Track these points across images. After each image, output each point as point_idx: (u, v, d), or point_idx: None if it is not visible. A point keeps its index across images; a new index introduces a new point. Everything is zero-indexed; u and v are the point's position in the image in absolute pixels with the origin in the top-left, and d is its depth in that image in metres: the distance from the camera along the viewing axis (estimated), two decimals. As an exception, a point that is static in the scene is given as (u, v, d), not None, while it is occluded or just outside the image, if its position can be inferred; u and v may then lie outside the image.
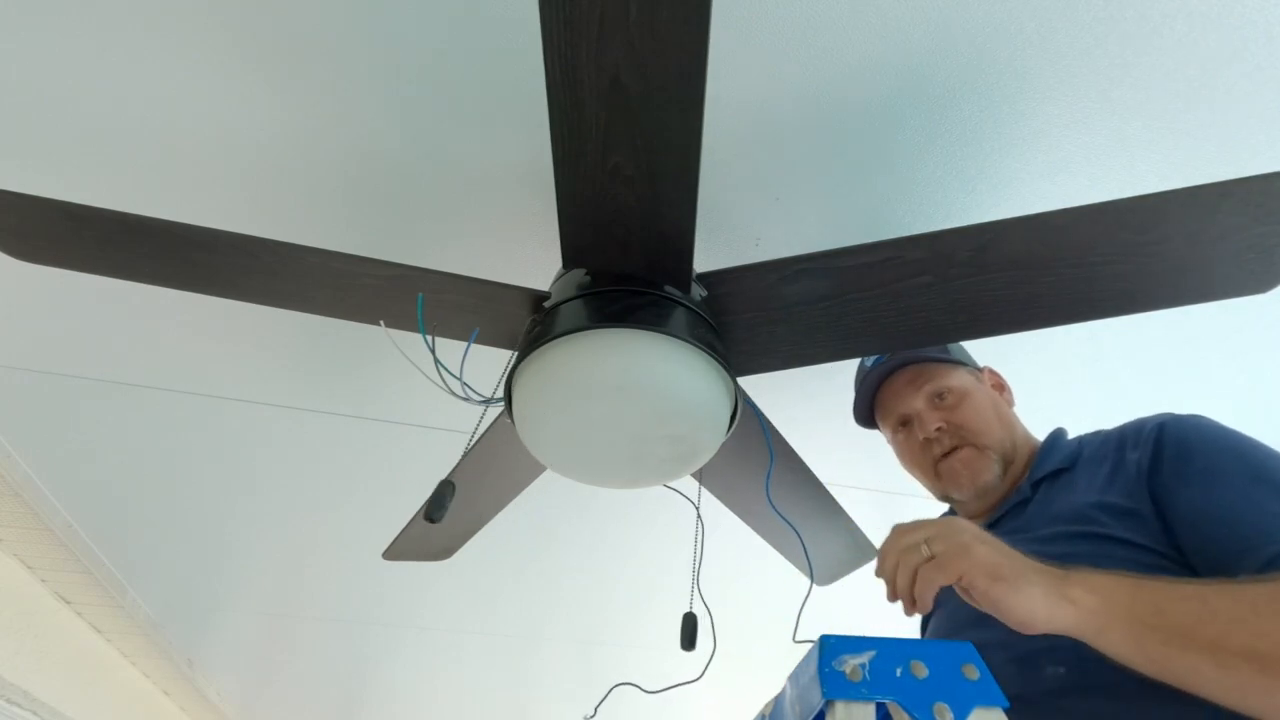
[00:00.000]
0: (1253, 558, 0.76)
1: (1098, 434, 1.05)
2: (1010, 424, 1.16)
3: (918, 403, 1.17)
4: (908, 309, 1.04)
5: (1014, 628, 0.69)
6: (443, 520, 0.96)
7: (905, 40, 1.07)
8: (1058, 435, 1.11)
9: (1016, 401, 1.24)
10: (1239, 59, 1.08)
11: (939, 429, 1.14)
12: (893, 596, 0.74)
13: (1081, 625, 0.68)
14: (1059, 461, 1.03)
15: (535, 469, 1.41)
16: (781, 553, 1.55)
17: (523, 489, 1.48)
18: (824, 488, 1.41)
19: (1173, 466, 0.88)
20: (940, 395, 1.16)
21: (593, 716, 1.36)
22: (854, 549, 1.55)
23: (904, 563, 0.71)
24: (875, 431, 1.30)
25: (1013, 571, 0.68)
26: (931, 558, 0.69)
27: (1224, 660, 0.66)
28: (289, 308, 1.12)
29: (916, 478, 1.22)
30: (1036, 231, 0.94)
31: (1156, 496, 0.87)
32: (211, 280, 1.09)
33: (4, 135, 1.22)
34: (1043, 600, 0.67)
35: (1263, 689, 0.65)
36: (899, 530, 0.75)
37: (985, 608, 0.69)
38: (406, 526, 1.53)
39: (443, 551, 1.63)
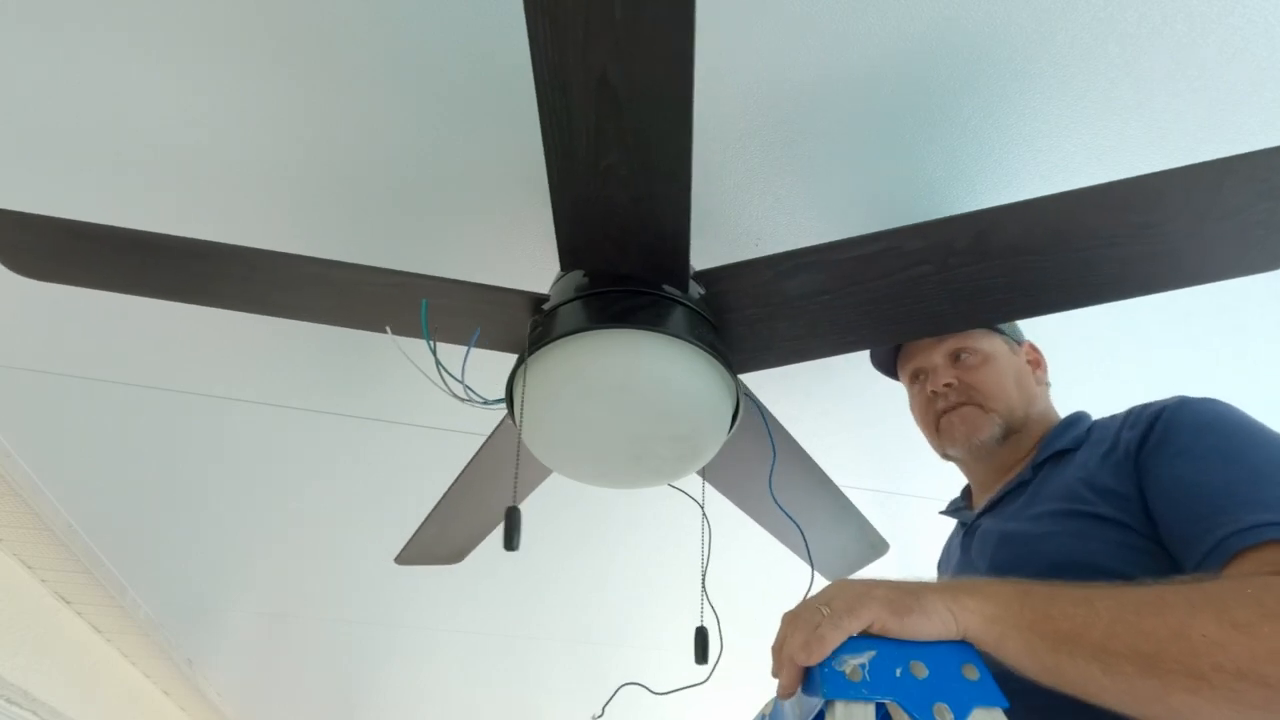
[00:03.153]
0: (1197, 545, 0.74)
1: (1113, 417, 1.02)
2: (1028, 395, 1.12)
3: (936, 357, 1.16)
4: (908, 299, 1.03)
5: None
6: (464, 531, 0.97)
7: (905, 41, 1.07)
8: (1074, 419, 1.08)
9: (1053, 383, 1.20)
10: (1239, 59, 1.08)
11: (947, 384, 1.13)
12: (778, 669, 0.68)
13: (984, 633, 0.66)
14: (1065, 444, 1.00)
15: (543, 470, 1.42)
16: (794, 550, 1.54)
17: (532, 490, 1.48)
18: (832, 483, 1.41)
19: (1155, 447, 0.86)
20: (961, 354, 1.15)
21: (600, 716, 1.36)
22: (864, 544, 1.54)
23: (801, 625, 0.67)
24: (876, 429, 1.30)
25: (916, 601, 0.66)
26: (830, 614, 0.66)
27: (1110, 664, 0.63)
28: (292, 317, 1.14)
29: (922, 432, 1.21)
30: (1036, 216, 0.92)
31: (1139, 476, 0.85)
32: (213, 292, 1.10)
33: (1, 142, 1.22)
34: (949, 614, 0.66)
35: (1150, 693, 0.63)
36: (789, 611, 0.71)
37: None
38: (417, 531, 1.53)
39: (455, 555, 1.64)
